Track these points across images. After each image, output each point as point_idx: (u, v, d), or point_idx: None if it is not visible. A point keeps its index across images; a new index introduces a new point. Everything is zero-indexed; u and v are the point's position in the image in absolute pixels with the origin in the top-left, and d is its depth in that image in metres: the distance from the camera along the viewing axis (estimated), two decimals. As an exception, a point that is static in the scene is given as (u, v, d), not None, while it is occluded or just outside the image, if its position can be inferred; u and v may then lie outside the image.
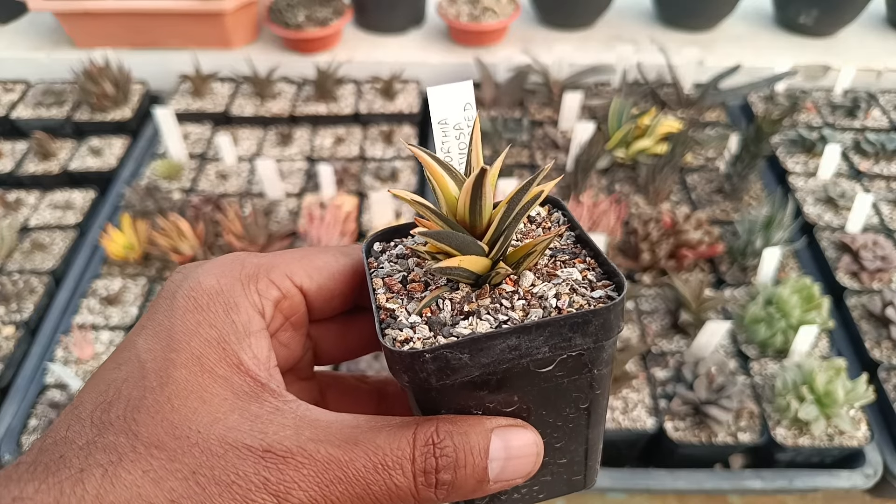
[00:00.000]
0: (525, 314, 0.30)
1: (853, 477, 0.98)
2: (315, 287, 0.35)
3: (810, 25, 1.74)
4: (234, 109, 1.58)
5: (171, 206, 1.28)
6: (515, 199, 0.31)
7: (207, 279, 0.32)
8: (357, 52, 1.70)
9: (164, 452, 0.27)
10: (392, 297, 0.33)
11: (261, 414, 0.29)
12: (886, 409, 1.03)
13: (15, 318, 1.16)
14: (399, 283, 0.34)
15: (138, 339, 0.30)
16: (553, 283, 0.32)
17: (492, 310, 0.31)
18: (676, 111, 1.56)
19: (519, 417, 0.32)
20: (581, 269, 0.33)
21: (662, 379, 1.04)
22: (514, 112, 1.57)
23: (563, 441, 0.35)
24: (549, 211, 0.38)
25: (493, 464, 0.30)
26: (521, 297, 0.31)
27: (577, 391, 0.32)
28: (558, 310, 0.30)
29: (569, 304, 0.30)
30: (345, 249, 0.37)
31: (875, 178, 1.40)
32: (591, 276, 0.33)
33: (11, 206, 1.37)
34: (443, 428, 0.29)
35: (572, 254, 0.35)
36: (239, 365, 0.30)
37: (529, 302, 0.31)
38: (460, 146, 0.35)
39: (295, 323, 0.36)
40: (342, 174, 1.40)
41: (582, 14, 1.77)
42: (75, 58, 1.64)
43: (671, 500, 1.11)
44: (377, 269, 0.36)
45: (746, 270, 1.20)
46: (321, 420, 0.29)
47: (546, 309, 0.30)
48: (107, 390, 0.29)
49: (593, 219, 1.20)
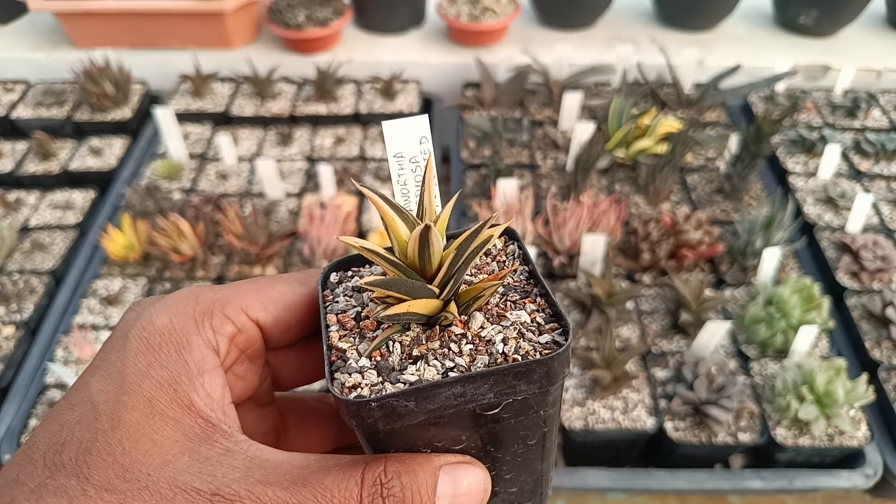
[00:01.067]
0: (472, 360, 0.31)
1: (853, 477, 0.98)
2: (271, 319, 0.35)
3: (810, 25, 1.74)
4: (234, 109, 1.58)
5: (171, 206, 1.28)
6: (466, 243, 0.31)
7: (160, 318, 0.32)
8: (357, 52, 1.70)
9: (115, 496, 0.27)
10: (345, 336, 0.33)
11: (210, 456, 0.29)
12: (886, 409, 1.03)
13: (15, 318, 1.16)
14: (353, 319, 0.34)
15: (91, 380, 0.30)
16: (502, 326, 0.32)
17: (440, 355, 0.31)
18: (676, 111, 1.56)
19: (468, 454, 0.32)
20: (531, 311, 0.33)
21: (662, 379, 1.04)
22: (514, 112, 1.57)
23: (513, 473, 0.35)
24: (504, 243, 0.38)
25: (441, 501, 0.30)
26: (470, 341, 0.32)
27: (525, 430, 0.33)
28: (504, 356, 0.31)
29: (515, 351, 0.31)
30: (301, 278, 0.36)
31: (875, 178, 1.40)
32: (540, 318, 0.33)
33: (11, 206, 1.37)
34: (391, 468, 0.29)
35: (524, 292, 0.35)
36: (190, 406, 0.30)
37: (477, 347, 0.31)
38: (416, 179, 0.35)
39: (251, 355, 0.35)
40: (342, 174, 1.40)
41: (582, 14, 1.77)
42: (75, 58, 1.64)
43: (671, 500, 1.11)
44: (332, 304, 0.35)
45: (746, 270, 1.20)
46: (271, 461, 0.29)
47: (492, 355, 0.31)
48: (60, 431, 0.29)
49: (593, 219, 1.20)
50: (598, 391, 1.01)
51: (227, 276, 1.22)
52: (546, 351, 0.31)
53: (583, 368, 1.05)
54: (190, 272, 1.23)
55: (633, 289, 1.13)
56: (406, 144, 0.34)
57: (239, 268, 1.23)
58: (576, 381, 1.04)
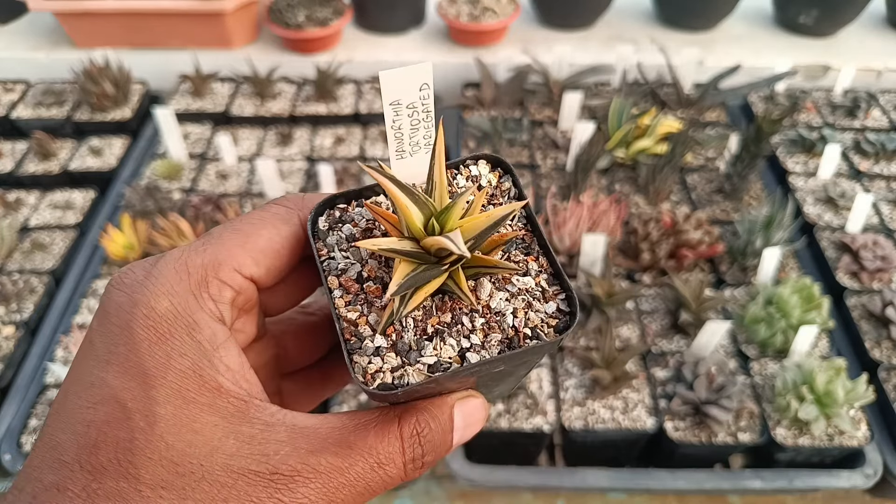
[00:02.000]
0: (485, 336, 0.32)
1: (853, 477, 0.98)
2: (264, 271, 0.34)
3: (810, 25, 1.74)
4: (234, 109, 1.58)
5: (171, 206, 1.28)
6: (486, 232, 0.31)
7: (160, 302, 0.30)
8: (357, 52, 1.70)
9: (173, 492, 0.26)
10: (350, 303, 0.33)
11: (254, 434, 0.29)
12: (886, 409, 1.03)
13: (15, 318, 1.16)
14: (355, 281, 0.34)
15: (107, 377, 0.29)
16: (510, 294, 0.33)
17: (454, 332, 0.32)
18: (676, 111, 1.56)
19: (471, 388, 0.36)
20: (535, 273, 0.34)
21: (662, 379, 1.04)
22: (514, 112, 1.57)
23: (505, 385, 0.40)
24: (499, 177, 0.37)
25: (456, 434, 0.34)
26: (481, 314, 0.32)
27: (524, 370, 0.37)
28: (515, 329, 0.32)
29: (524, 324, 0.32)
30: (284, 215, 0.35)
31: (875, 178, 1.40)
32: (544, 281, 0.34)
33: (11, 206, 1.37)
34: (421, 418, 0.32)
35: (525, 248, 0.35)
36: (219, 389, 0.30)
37: (489, 321, 0.32)
38: (412, 123, 0.34)
39: (248, 308, 0.35)
40: (342, 174, 1.40)
41: (582, 14, 1.77)
42: (75, 58, 1.64)
43: (671, 500, 1.11)
44: (328, 261, 0.34)
45: (746, 270, 1.20)
46: (309, 427, 0.30)
47: (504, 331, 0.32)
48: (87, 432, 0.28)
49: (593, 219, 1.20)
50: (598, 391, 1.01)
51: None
52: (554, 323, 0.32)
53: (583, 368, 1.05)
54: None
55: (633, 289, 1.13)
56: (405, 92, 0.32)
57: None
58: (576, 381, 1.04)
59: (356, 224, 0.36)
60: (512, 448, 1.03)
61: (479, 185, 0.37)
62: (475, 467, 0.99)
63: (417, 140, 0.34)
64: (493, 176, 0.37)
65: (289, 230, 0.34)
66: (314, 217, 0.35)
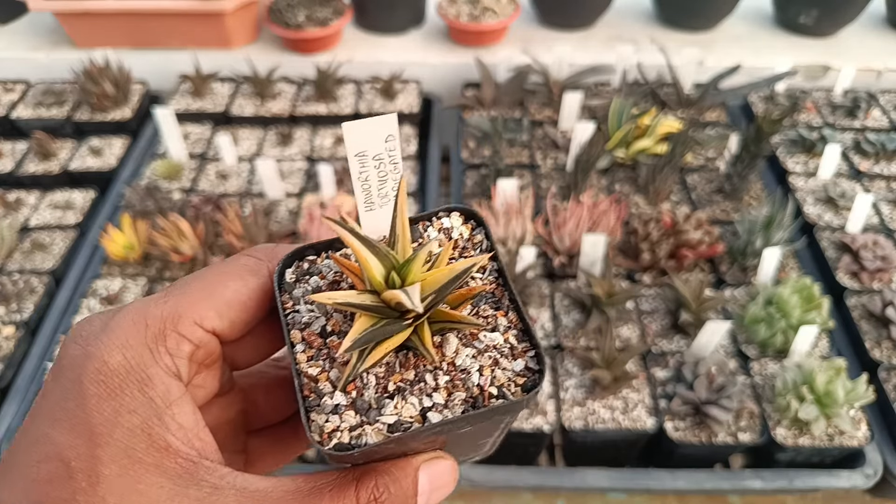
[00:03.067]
0: (449, 394, 0.31)
1: (853, 477, 0.98)
2: (228, 324, 0.33)
3: (810, 25, 1.74)
4: (234, 109, 1.58)
5: (171, 206, 1.28)
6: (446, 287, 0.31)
7: (113, 356, 0.29)
8: (357, 52, 1.70)
9: None
10: (313, 358, 0.32)
11: (201, 497, 0.28)
12: (886, 409, 1.03)
13: (15, 318, 1.16)
14: (318, 335, 0.33)
15: (53, 433, 0.28)
16: (476, 351, 0.32)
17: (416, 390, 0.31)
18: (676, 111, 1.56)
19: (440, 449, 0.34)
20: (504, 329, 0.33)
21: (662, 379, 1.04)
22: (514, 112, 1.57)
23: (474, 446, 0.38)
24: (471, 230, 0.37)
25: (421, 498, 0.31)
26: (445, 371, 0.31)
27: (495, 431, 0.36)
28: (480, 388, 0.31)
29: (490, 383, 0.31)
30: (252, 266, 0.34)
31: (875, 178, 1.40)
32: (513, 338, 0.33)
33: (11, 206, 1.37)
34: (380, 481, 0.30)
35: (495, 303, 0.34)
36: (167, 448, 0.29)
37: (453, 379, 0.31)
38: (380, 175, 0.34)
39: (209, 363, 0.34)
40: (342, 174, 1.40)
41: (582, 14, 1.77)
42: (75, 58, 1.64)
43: (671, 500, 1.11)
44: (293, 313, 0.34)
45: (746, 270, 1.20)
46: (260, 490, 0.29)
47: (469, 389, 0.31)
48: (30, 490, 0.27)
49: (593, 219, 1.20)
50: (598, 391, 1.01)
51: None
52: (521, 381, 0.31)
53: (583, 368, 1.05)
54: (190, 272, 1.23)
55: (633, 289, 1.13)
56: (370, 143, 0.33)
57: (239, 268, 1.23)
58: (576, 381, 1.04)
59: (324, 276, 0.35)
60: (512, 448, 1.03)
61: (450, 237, 0.36)
62: (475, 467, 0.99)
63: (386, 192, 0.34)
64: (465, 228, 0.37)
65: (257, 282, 0.34)
66: (281, 269, 0.35)
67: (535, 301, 1.13)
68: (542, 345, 1.07)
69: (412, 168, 1.44)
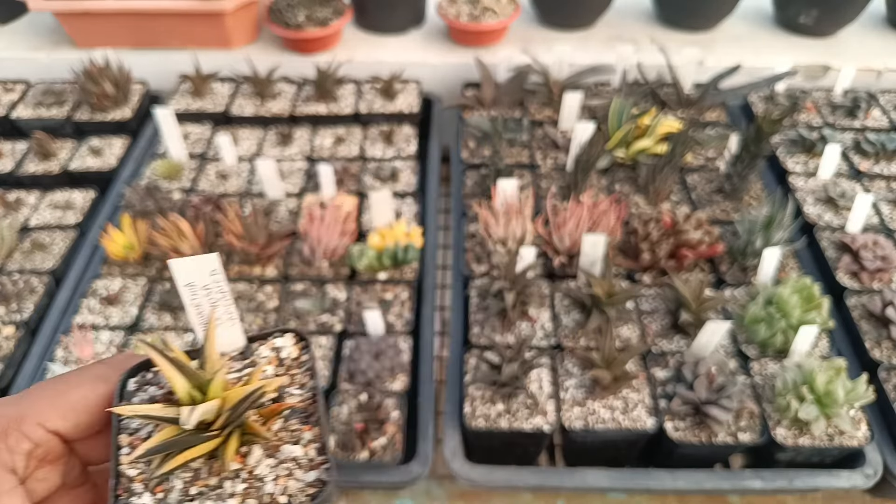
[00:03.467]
0: (242, 501, 0.35)
1: (853, 477, 0.98)
2: (72, 426, 0.35)
3: (810, 25, 1.74)
4: (234, 109, 1.58)
5: (171, 206, 1.28)
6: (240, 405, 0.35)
7: None
8: (357, 52, 1.70)
9: None
10: (134, 461, 0.36)
11: None
12: (886, 409, 1.03)
13: (15, 318, 1.16)
14: (143, 440, 0.36)
15: None
16: (276, 461, 0.36)
17: (214, 495, 0.35)
18: (676, 111, 1.56)
19: None
20: (306, 442, 0.37)
21: (662, 379, 1.04)
22: (514, 112, 1.57)
23: None
24: (300, 350, 0.42)
25: None
26: (243, 479, 0.36)
27: None
28: (271, 496, 0.35)
29: (282, 492, 0.35)
30: (103, 374, 0.38)
31: (875, 178, 1.40)
32: (314, 451, 0.37)
33: (11, 206, 1.37)
34: None
35: (304, 418, 0.38)
36: None
37: (249, 486, 0.35)
38: (211, 301, 0.39)
39: (52, 460, 0.36)
40: (342, 174, 1.40)
41: (582, 14, 1.77)
42: (75, 58, 1.64)
43: (671, 500, 1.11)
44: (126, 420, 0.38)
45: (746, 270, 1.20)
46: None
47: (260, 497, 0.35)
48: None
49: (593, 219, 1.20)
50: (598, 391, 1.01)
51: (227, 275, 1.22)
52: (311, 492, 0.35)
53: (583, 368, 1.05)
54: (190, 272, 1.23)
55: (633, 289, 1.13)
56: (197, 276, 0.38)
57: (239, 268, 1.23)
58: (576, 381, 1.04)
59: (162, 387, 0.39)
60: (512, 448, 1.03)
61: (279, 357, 0.41)
62: (475, 467, 0.99)
63: (220, 314, 0.40)
64: (295, 349, 0.42)
65: (105, 388, 0.37)
66: (125, 378, 0.39)
67: (535, 301, 1.14)
68: (543, 345, 1.08)
69: (412, 168, 1.44)
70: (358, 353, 1.07)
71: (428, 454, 0.99)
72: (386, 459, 0.96)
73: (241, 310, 1.15)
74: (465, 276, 1.20)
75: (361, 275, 1.21)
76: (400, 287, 1.20)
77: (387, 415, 1.00)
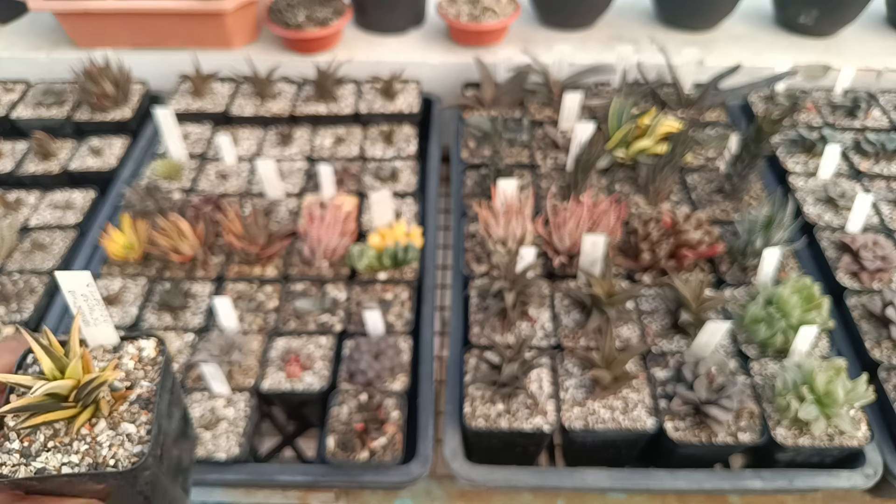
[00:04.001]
0: (82, 458, 0.45)
1: (853, 477, 0.98)
2: None
3: (810, 25, 1.74)
4: (234, 109, 1.58)
5: (171, 206, 1.28)
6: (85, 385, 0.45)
7: None
8: (357, 52, 1.70)
9: None
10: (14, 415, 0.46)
11: None
12: (886, 409, 1.03)
13: (15, 318, 1.16)
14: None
15: None
16: (116, 433, 0.46)
17: (64, 450, 0.45)
18: (676, 111, 1.56)
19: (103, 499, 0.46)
20: (142, 423, 0.47)
21: (662, 379, 1.04)
22: (514, 112, 1.57)
23: None
24: (158, 352, 0.52)
25: None
26: (87, 443, 0.46)
27: (128, 497, 0.46)
28: (104, 459, 0.45)
29: (112, 456, 0.45)
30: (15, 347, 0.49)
31: (875, 178, 1.40)
32: (144, 431, 0.46)
33: (11, 206, 1.37)
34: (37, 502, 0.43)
35: (145, 404, 0.48)
36: None
37: (91, 447, 0.45)
38: (90, 305, 0.52)
39: None
40: (342, 174, 1.40)
41: (582, 14, 1.77)
42: (75, 58, 1.64)
43: (671, 500, 1.11)
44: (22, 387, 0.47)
45: (746, 270, 1.20)
46: None
47: (96, 458, 0.45)
48: None
49: (593, 219, 1.20)
50: (598, 391, 1.01)
51: (227, 275, 1.22)
52: (134, 460, 0.44)
53: (583, 368, 1.05)
54: (190, 272, 1.23)
55: (633, 289, 1.13)
56: (76, 286, 0.52)
57: (239, 268, 1.23)
58: (576, 381, 1.04)
59: None
60: (512, 448, 1.03)
61: (139, 354, 0.52)
62: (475, 467, 0.99)
63: (97, 316, 0.53)
64: (154, 351, 0.52)
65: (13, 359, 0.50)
66: (26, 353, 0.51)
67: (534, 301, 1.14)
68: (542, 345, 1.08)
69: (412, 168, 1.44)
70: (358, 353, 1.07)
71: (428, 454, 0.99)
72: (386, 459, 0.96)
73: (240, 310, 1.15)
74: (465, 276, 1.20)
75: (361, 275, 1.21)
76: (400, 287, 1.20)
77: (387, 415, 1.00)
